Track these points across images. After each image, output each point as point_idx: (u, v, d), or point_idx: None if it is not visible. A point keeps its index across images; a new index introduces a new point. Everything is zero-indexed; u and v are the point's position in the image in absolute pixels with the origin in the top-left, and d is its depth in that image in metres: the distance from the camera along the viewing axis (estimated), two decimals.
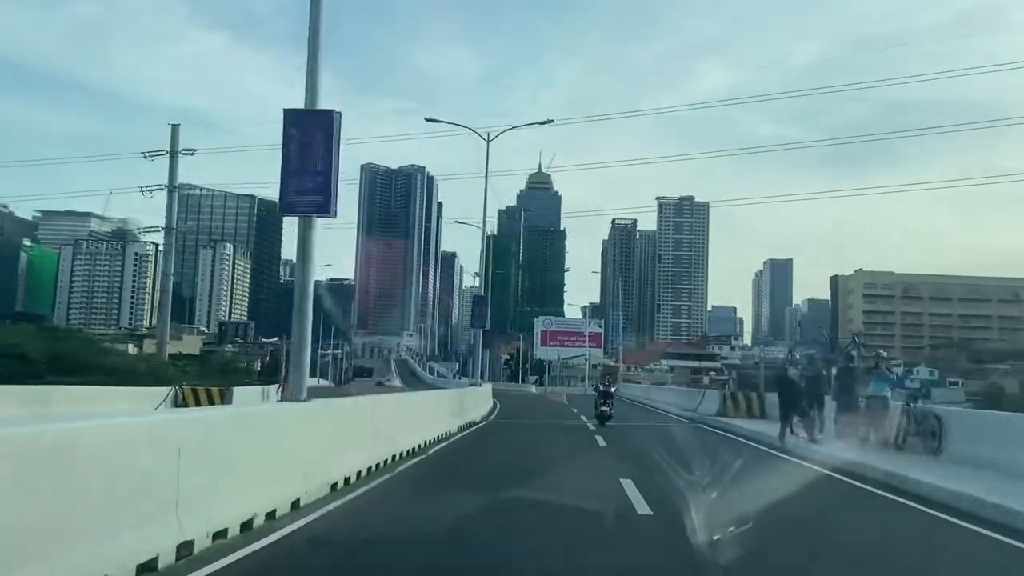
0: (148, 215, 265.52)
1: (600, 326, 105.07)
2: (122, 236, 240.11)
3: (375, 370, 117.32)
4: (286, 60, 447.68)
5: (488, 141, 39.20)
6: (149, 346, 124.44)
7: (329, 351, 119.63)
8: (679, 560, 6.68)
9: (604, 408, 24.62)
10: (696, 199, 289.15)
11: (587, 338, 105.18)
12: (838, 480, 12.46)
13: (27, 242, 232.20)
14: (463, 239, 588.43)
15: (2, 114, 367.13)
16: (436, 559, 6.74)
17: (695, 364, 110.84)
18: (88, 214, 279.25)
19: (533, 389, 75.55)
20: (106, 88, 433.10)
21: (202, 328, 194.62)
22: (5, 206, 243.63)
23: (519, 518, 8.71)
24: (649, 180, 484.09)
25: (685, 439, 19.46)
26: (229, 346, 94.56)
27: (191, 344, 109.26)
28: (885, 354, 18.15)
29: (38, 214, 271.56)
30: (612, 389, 26.72)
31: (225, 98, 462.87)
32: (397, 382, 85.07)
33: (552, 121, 43.81)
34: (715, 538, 6.48)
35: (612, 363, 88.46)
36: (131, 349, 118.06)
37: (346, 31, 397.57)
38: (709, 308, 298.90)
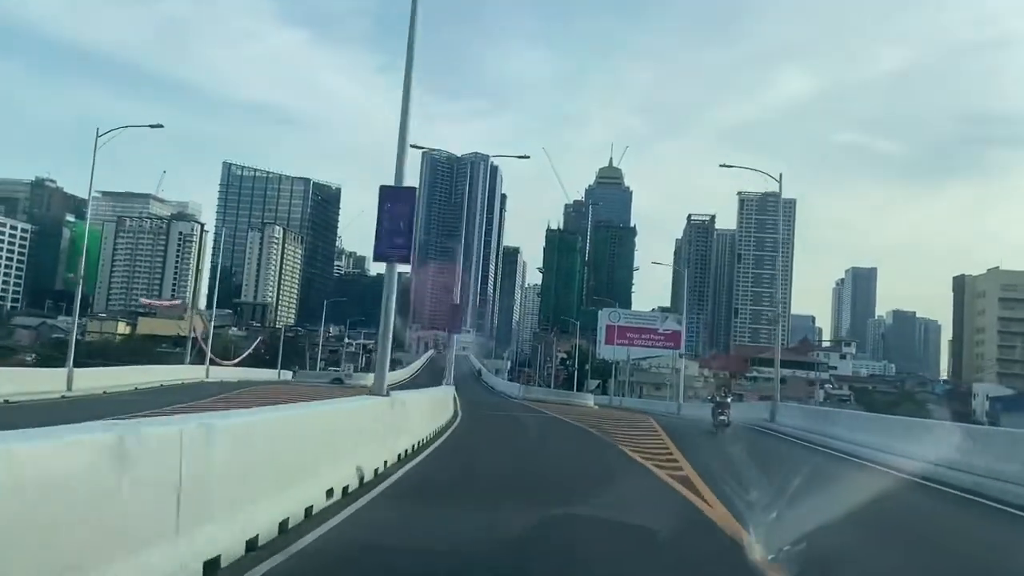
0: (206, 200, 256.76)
1: (679, 322, 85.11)
2: (182, 218, 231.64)
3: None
4: (362, 59, 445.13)
5: None
6: (146, 325, 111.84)
7: (356, 341, 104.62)
8: None
9: (722, 417, 26.15)
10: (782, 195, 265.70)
11: (663, 336, 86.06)
12: None
13: (71, 218, 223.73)
14: (527, 234, 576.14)
15: (89, 106, 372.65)
16: None
17: (791, 373, 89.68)
18: (147, 195, 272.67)
19: (591, 402, 54.38)
20: (190, 83, 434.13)
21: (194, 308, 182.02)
22: (53, 181, 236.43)
23: None
24: (721, 188, 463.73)
25: None
26: (234, 328, 79.20)
27: (196, 324, 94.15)
28: None
29: (97, 194, 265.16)
30: (729, 399, 27.97)
31: (303, 94, 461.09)
32: (365, 382, 57.07)
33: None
34: None
35: (721, 379, 69.72)
36: (122, 327, 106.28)
37: (422, 30, 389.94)
38: (782, 314, 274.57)
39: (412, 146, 32.49)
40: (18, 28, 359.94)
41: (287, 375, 54.77)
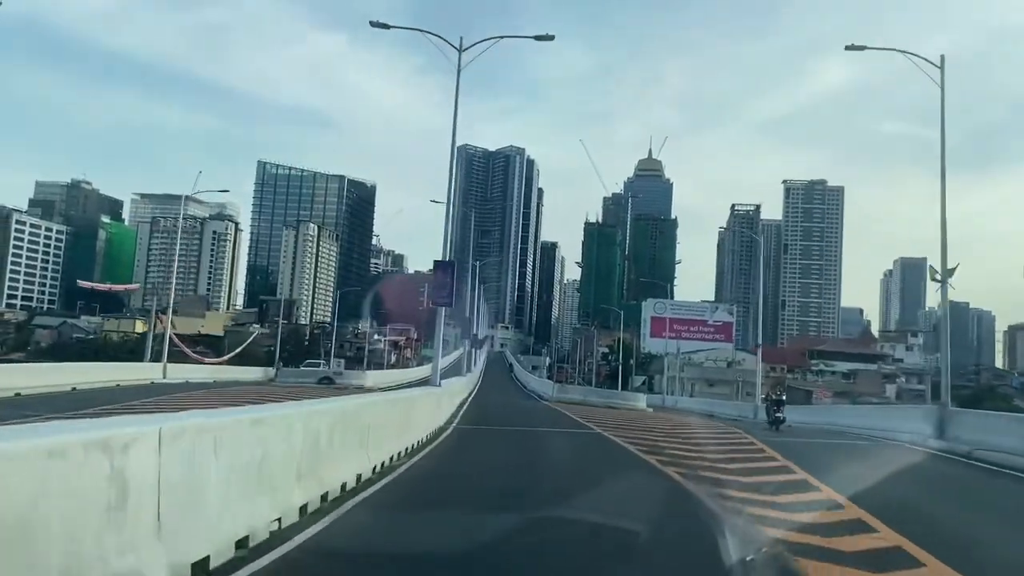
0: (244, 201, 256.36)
1: (731, 313, 78.64)
2: (220, 219, 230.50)
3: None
4: (400, 60, 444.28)
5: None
6: (180, 325, 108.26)
7: (386, 337, 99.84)
8: None
9: (779, 415, 26.72)
10: (828, 183, 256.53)
11: (713, 329, 79.88)
12: None
13: (106, 219, 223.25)
14: (566, 229, 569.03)
15: (130, 111, 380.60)
16: None
17: (861, 367, 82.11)
18: (185, 197, 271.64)
19: (643, 404, 45.02)
20: (229, 87, 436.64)
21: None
22: (89, 183, 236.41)
23: None
24: (765, 179, 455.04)
25: None
26: (256, 325, 75.03)
27: (214, 321, 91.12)
28: None
29: (136, 196, 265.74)
30: (784, 398, 28.49)
31: (340, 97, 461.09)
32: (360, 381, 46.60)
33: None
34: None
35: (775, 375, 63.44)
36: (140, 326, 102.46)
37: (455, 27, 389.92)
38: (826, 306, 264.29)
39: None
40: (61, 36, 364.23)
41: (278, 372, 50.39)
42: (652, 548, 7.30)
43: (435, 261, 24.04)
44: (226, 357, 57.25)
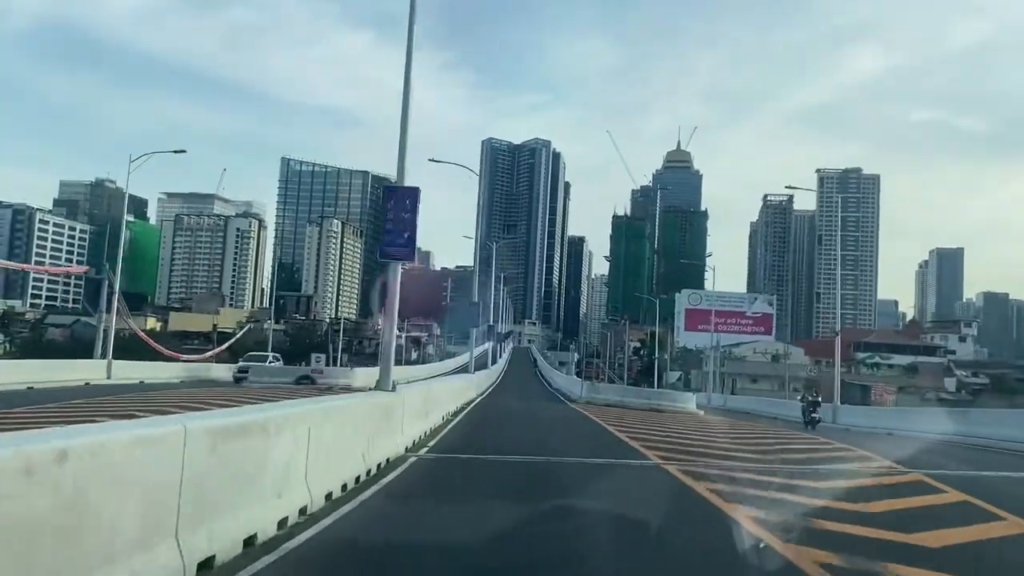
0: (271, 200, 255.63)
1: (771, 304, 74.00)
2: (246, 217, 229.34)
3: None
4: (425, 57, 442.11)
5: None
6: (178, 320, 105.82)
7: (406, 333, 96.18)
8: None
9: (815, 415, 28.35)
10: (864, 171, 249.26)
11: (751, 321, 75.24)
12: None
13: (130, 217, 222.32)
14: (593, 224, 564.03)
15: (159, 112, 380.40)
16: None
17: (914, 360, 76.11)
18: (211, 195, 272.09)
19: (692, 405, 36.01)
20: (256, 87, 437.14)
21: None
22: (113, 181, 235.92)
23: None
24: (796, 170, 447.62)
25: None
26: (269, 321, 71.70)
27: (229, 318, 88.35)
28: None
29: (163, 196, 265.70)
30: (820, 399, 30.22)
31: (367, 95, 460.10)
32: (348, 380, 39.05)
33: None
34: None
35: (810, 372, 58.69)
36: (149, 323, 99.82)
37: (481, 23, 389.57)
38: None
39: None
40: (94, 40, 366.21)
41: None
42: None
43: (384, 187, 17.54)
44: (211, 353, 52.79)
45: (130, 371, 36.10)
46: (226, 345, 54.66)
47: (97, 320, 38.93)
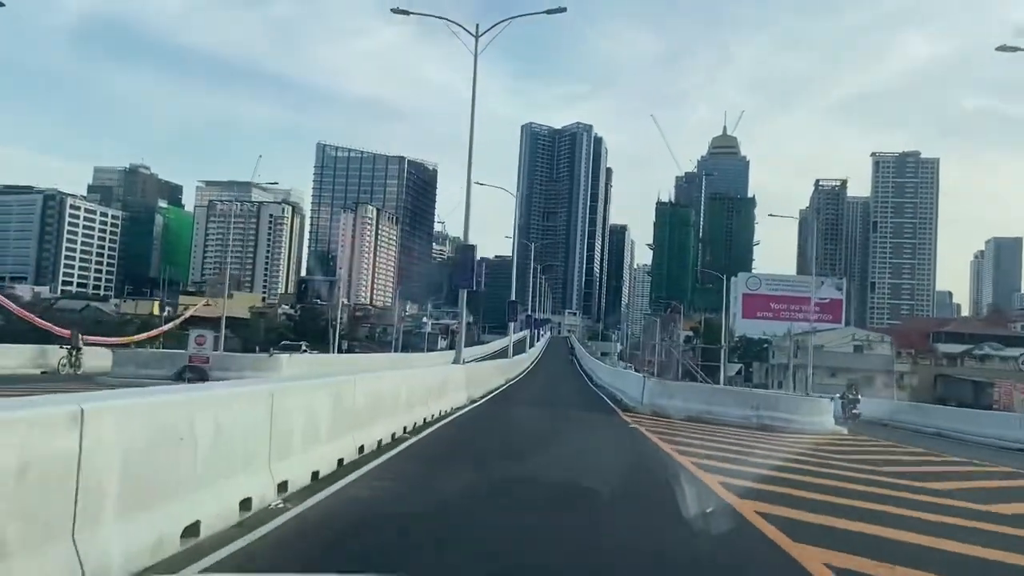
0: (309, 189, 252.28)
1: (839, 288, 65.74)
2: (276, 203, 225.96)
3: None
4: (462, 48, 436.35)
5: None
6: (206, 307, 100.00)
7: (437, 321, 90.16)
8: None
9: (856, 411, 30.78)
10: (922, 155, 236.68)
11: (818, 307, 67.16)
12: None
13: (163, 204, 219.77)
14: (635, 213, 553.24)
15: (204, 105, 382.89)
16: None
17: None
18: (249, 183, 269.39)
19: (829, 421, 23.03)
20: (299, 80, 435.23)
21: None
22: (147, 168, 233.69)
23: None
24: (848, 156, 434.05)
25: None
26: (284, 307, 65.75)
27: (241, 303, 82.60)
28: None
29: (201, 184, 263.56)
30: (860, 397, 32.59)
31: (408, 86, 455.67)
32: (276, 372, 27.03)
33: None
34: None
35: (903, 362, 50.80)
36: (155, 309, 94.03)
37: (520, 12, 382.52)
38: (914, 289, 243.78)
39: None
40: (142, 35, 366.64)
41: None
42: None
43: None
44: (142, 336, 45.21)
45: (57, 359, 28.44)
46: (162, 329, 43.34)
47: None
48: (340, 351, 60.58)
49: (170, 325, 53.42)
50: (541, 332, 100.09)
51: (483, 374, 29.21)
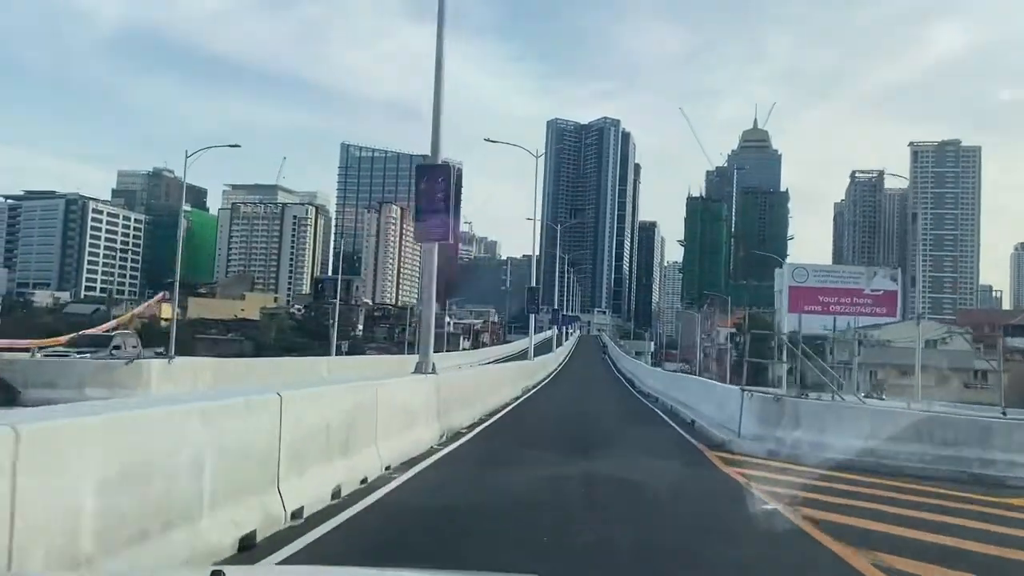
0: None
1: (894, 279, 59.66)
2: (300, 204, 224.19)
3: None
4: (492, 48, 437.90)
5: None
6: (198, 307, 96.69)
7: (461, 320, 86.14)
8: None
9: None
10: (963, 143, 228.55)
11: (871, 299, 61.41)
12: None
13: (187, 207, 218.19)
14: (665, 210, 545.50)
15: (228, 110, 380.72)
16: None
17: None
18: (274, 186, 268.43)
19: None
20: (324, 82, 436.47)
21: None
22: (171, 171, 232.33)
23: None
24: (884, 149, 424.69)
25: None
26: (296, 307, 62.12)
27: (253, 303, 79.47)
28: None
29: (227, 187, 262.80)
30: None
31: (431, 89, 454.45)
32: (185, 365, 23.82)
33: None
34: None
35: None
36: (166, 311, 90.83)
37: (546, 12, 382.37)
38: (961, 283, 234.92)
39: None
40: (171, 41, 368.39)
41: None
42: None
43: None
44: (67, 337, 40.21)
45: None
46: (79, 334, 34.91)
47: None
48: (341, 352, 56.42)
49: (92, 329, 46.45)
50: (570, 330, 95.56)
51: (481, 385, 20.73)
